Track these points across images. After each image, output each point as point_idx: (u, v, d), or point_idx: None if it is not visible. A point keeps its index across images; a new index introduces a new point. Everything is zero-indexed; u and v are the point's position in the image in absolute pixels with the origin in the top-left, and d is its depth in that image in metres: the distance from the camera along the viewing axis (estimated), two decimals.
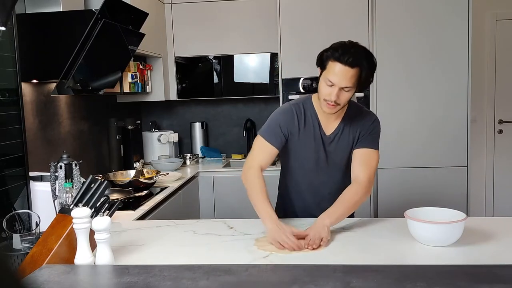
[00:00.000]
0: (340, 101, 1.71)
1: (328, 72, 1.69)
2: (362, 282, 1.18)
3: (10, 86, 1.93)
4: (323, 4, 3.32)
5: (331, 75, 1.68)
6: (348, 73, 1.66)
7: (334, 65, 1.67)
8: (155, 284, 1.22)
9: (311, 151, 1.88)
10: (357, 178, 1.80)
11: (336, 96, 1.69)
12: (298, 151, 1.89)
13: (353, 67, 1.65)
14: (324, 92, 1.72)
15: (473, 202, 3.72)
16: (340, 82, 1.67)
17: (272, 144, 1.84)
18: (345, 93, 1.70)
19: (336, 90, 1.68)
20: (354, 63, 1.65)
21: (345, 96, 1.71)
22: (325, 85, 1.71)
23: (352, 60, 1.64)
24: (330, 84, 1.69)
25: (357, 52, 1.67)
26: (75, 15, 2.36)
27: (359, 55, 1.67)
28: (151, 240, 1.75)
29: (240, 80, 3.75)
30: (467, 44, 3.21)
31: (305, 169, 1.92)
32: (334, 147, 1.88)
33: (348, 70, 1.65)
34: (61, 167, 1.85)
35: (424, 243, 1.59)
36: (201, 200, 3.52)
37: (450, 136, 3.28)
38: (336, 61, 1.66)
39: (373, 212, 3.36)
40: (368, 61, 1.69)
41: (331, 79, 1.68)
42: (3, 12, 1.43)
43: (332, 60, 1.67)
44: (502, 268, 1.29)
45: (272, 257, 1.54)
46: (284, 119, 1.85)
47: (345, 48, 1.67)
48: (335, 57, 1.66)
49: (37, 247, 1.46)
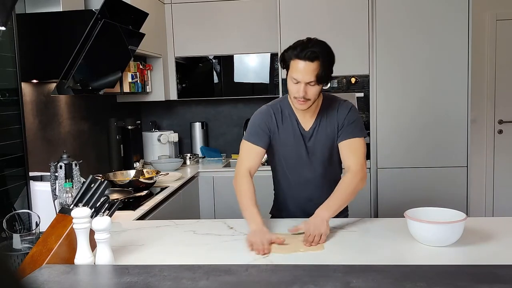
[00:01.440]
0: (309, 96, 1.77)
1: (292, 71, 1.75)
2: (362, 282, 1.18)
3: (10, 86, 1.93)
4: (323, 4, 3.32)
5: (294, 72, 1.74)
6: (310, 68, 1.71)
7: (296, 63, 1.73)
8: (155, 284, 1.22)
9: (292, 148, 1.92)
10: (349, 168, 1.85)
11: (303, 92, 1.74)
12: (280, 149, 1.94)
13: (313, 61, 1.71)
14: (293, 90, 1.78)
15: (473, 202, 3.72)
16: (303, 78, 1.73)
17: (257, 144, 1.89)
18: (311, 87, 1.75)
19: (302, 86, 1.74)
20: (313, 57, 1.71)
21: (312, 90, 1.76)
22: (292, 83, 1.77)
23: (310, 54, 1.70)
24: (295, 81, 1.75)
25: (314, 46, 1.73)
26: (75, 15, 2.36)
27: (317, 49, 1.72)
28: (151, 240, 1.75)
29: (240, 80, 3.75)
30: (467, 44, 3.21)
31: (289, 166, 1.96)
32: (314, 142, 1.92)
33: (309, 65, 1.71)
34: (61, 167, 1.85)
35: (424, 243, 1.58)
36: (201, 200, 3.52)
37: (450, 136, 3.28)
38: (296, 58, 1.73)
39: (373, 212, 3.36)
40: (327, 54, 1.75)
41: (295, 76, 1.74)
42: (3, 12, 1.43)
43: (293, 59, 1.74)
44: (502, 268, 1.29)
45: (272, 257, 1.54)
46: (263, 119, 1.91)
47: (303, 45, 1.74)
48: (295, 55, 1.73)
49: (37, 247, 1.46)
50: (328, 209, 1.74)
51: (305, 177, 1.95)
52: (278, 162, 1.97)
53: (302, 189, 1.97)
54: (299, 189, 1.98)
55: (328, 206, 1.75)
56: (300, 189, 1.98)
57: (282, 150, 1.93)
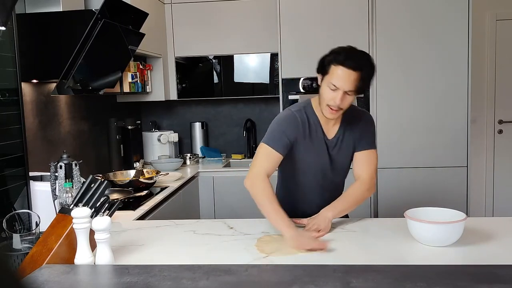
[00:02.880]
0: (343, 105, 1.73)
1: (332, 76, 1.69)
2: (362, 282, 1.18)
3: (10, 86, 1.93)
4: (323, 4, 3.32)
5: (335, 79, 1.68)
6: (351, 76, 1.67)
7: (337, 69, 1.68)
8: (155, 284, 1.22)
9: (315, 157, 1.88)
10: (360, 177, 1.87)
11: (340, 101, 1.70)
12: (303, 157, 1.88)
13: (355, 70, 1.66)
14: (328, 97, 1.72)
15: (473, 202, 3.72)
16: (344, 86, 1.68)
17: (278, 151, 1.80)
18: (348, 97, 1.71)
19: (340, 94, 1.69)
20: (357, 66, 1.66)
21: (348, 100, 1.73)
22: (328, 89, 1.71)
23: (354, 63, 1.66)
24: (333, 88, 1.69)
25: (358, 55, 1.70)
26: (75, 15, 2.36)
27: (360, 58, 1.69)
28: (151, 240, 1.75)
29: (240, 80, 3.75)
30: (467, 44, 3.21)
31: (308, 174, 1.91)
32: (337, 151, 1.89)
33: (351, 73, 1.66)
34: (61, 167, 1.85)
35: (424, 243, 1.58)
36: (201, 200, 3.52)
37: (450, 136, 3.28)
38: (339, 64, 1.67)
39: (373, 212, 3.36)
40: (369, 64, 1.71)
41: (335, 83, 1.68)
42: (3, 12, 1.43)
43: (335, 64, 1.68)
44: (502, 268, 1.29)
45: (272, 257, 1.54)
46: (289, 127, 1.83)
47: (347, 52, 1.70)
48: (338, 61, 1.67)
49: (37, 247, 1.46)
50: (333, 209, 1.78)
51: (322, 185, 1.93)
52: (297, 169, 1.91)
53: (314, 197, 1.94)
54: (310, 197, 1.95)
55: (333, 207, 1.80)
56: (311, 197, 1.95)
57: (304, 158, 1.88)
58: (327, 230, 1.73)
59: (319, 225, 1.72)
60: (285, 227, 1.64)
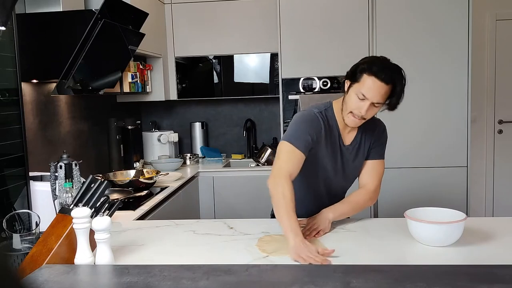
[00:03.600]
0: (367, 116, 1.71)
1: (362, 86, 1.66)
2: (362, 282, 1.18)
3: (10, 86, 1.93)
4: (323, 4, 3.32)
5: (365, 89, 1.65)
6: (383, 89, 1.65)
7: (370, 79, 1.65)
8: (155, 284, 1.22)
9: (330, 161, 1.85)
10: (366, 185, 1.87)
11: (365, 111, 1.68)
12: (317, 160, 1.83)
13: (388, 84, 1.64)
14: (353, 106, 1.70)
15: (473, 202, 3.73)
16: (373, 97, 1.66)
17: (301, 150, 1.72)
18: (374, 108, 1.70)
19: (367, 105, 1.67)
20: (390, 79, 1.64)
21: (373, 111, 1.71)
22: (357, 98, 1.68)
23: (388, 76, 1.64)
24: (362, 97, 1.67)
25: (392, 68, 1.67)
26: (75, 15, 2.36)
27: (395, 72, 1.67)
28: (151, 240, 1.75)
29: (240, 80, 3.75)
30: (467, 44, 3.21)
31: (319, 177, 1.88)
32: (352, 158, 1.87)
33: (383, 86, 1.64)
34: (61, 167, 1.85)
35: (424, 243, 1.58)
36: (201, 200, 3.52)
37: (450, 136, 3.28)
38: (373, 75, 1.64)
39: (373, 212, 3.36)
40: (402, 78, 1.68)
41: (365, 93, 1.66)
42: (3, 12, 1.43)
43: (368, 74, 1.65)
44: (502, 268, 1.29)
45: (272, 257, 1.54)
46: (313, 127, 1.77)
47: (380, 62, 1.67)
48: (372, 71, 1.64)
49: (37, 247, 1.46)
50: (334, 211, 1.79)
51: (331, 189, 1.92)
52: (310, 171, 1.85)
53: (321, 199, 1.91)
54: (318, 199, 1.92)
55: (334, 208, 1.80)
56: (318, 199, 1.92)
57: (320, 161, 1.84)
58: (326, 230, 1.74)
59: (319, 225, 1.73)
60: (292, 235, 1.55)
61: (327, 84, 3.34)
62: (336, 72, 3.32)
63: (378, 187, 1.88)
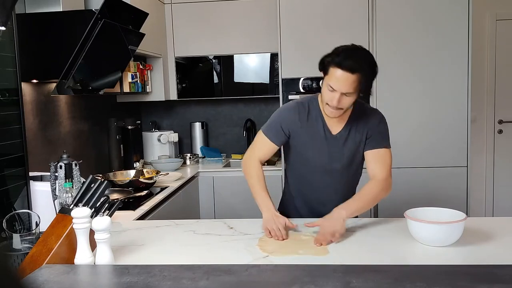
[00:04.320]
0: (342, 105, 1.71)
1: (330, 78, 1.68)
2: (362, 282, 1.18)
3: (10, 86, 1.93)
4: (323, 4, 3.31)
5: (332, 80, 1.67)
6: (349, 79, 1.64)
7: (335, 71, 1.66)
8: (155, 284, 1.22)
9: (313, 151, 1.87)
10: (375, 176, 1.82)
11: (337, 102, 1.69)
12: (300, 150, 1.89)
13: (353, 73, 1.63)
14: (327, 97, 1.72)
15: (473, 202, 3.72)
16: (341, 88, 1.66)
17: (273, 141, 1.88)
18: (346, 98, 1.69)
19: (337, 96, 1.68)
20: (355, 68, 1.63)
21: (347, 100, 1.71)
22: (327, 90, 1.70)
23: (352, 65, 1.63)
24: (331, 89, 1.68)
25: (358, 57, 1.66)
26: (75, 15, 2.36)
27: (360, 60, 1.65)
28: (151, 240, 1.75)
29: (240, 80, 3.75)
30: (467, 44, 3.21)
31: (308, 168, 1.91)
32: (340, 148, 1.86)
33: (349, 76, 1.64)
34: (61, 167, 1.85)
35: (424, 243, 1.58)
36: (201, 200, 3.52)
37: (450, 136, 3.28)
38: (337, 66, 1.65)
39: (373, 212, 3.36)
40: (370, 66, 1.68)
41: (332, 84, 1.67)
42: (3, 12, 1.43)
43: (333, 66, 1.66)
44: (502, 268, 1.29)
45: (272, 257, 1.54)
46: (286, 117, 1.86)
47: (346, 53, 1.66)
48: (336, 63, 1.65)
49: (37, 247, 1.46)
50: (347, 208, 1.70)
51: (323, 181, 1.91)
52: (296, 163, 1.93)
53: (317, 192, 1.94)
54: (313, 192, 1.95)
55: (347, 205, 1.73)
56: (314, 192, 1.95)
57: (303, 152, 1.88)
58: (342, 231, 1.64)
59: (335, 227, 1.61)
60: (264, 208, 1.78)
61: None
62: None
63: (388, 176, 1.81)
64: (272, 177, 2.14)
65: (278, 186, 3.27)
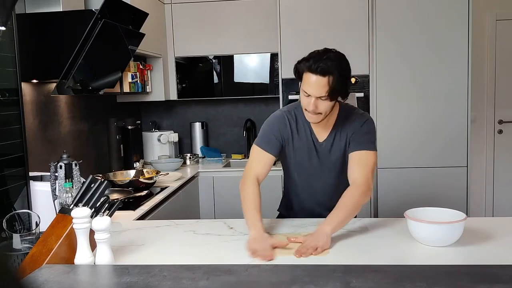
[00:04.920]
0: (320, 110, 1.71)
1: (303, 83, 1.70)
2: (362, 282, 1.18)
3: (10, 86, 1.93)
4: (323, 4, 3.32)
5: (305, 85, 1.69)
6: (321, 82, 1.65)
7: (307, 76, 1.68)
8: (155, 284, 1.22)
9: (304, 157, 1.88)
10: (354, 181, 1.76)
11: (314, 106, 1.69)
12: (292, 157, 1.90)
13: (324, 76, 1.64)
14: (304, 103, 1.74)
15: (473, 202, 3.73)
16: (314, 92, 1.67)
17: (269, 152, 1.84)
18: (322, 102, 1.69)
19: (312, 100, 1.69)
20: (325, 71, 1.64)
21: (324, 105, 1.70)
22: (303, 96, 1.72)
23: (322, 68, 1.63)
24: (306, 95, 1.70)
25: (328, 60, 1.65)
26: (75, 15, 2.36)
27: (330, 63, 1.65)
28: (151, 240, 1.75)
29: (240, 80, 3.75)
30: (467, 44, 3.21)
31: (300, 174, 1.94)
32: (328, 154, 1.87)
33: (320, 79, 1.65)
34: (61, 167, 1.85)
35: (424, 243, 1.58)
36: (201, 200, 3.52)
37: (450, 136, 3.28)
38: (308, 71, 1.67)
39: (373, 212, 3.36)
40: (341, 68, 1.67)
41: (306, 89, 1.69)
42: (3, 12, 1.43)
43: (306, 71, 1.68)
44: (502, 268, 1.29)
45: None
46: (278, 127, 1.86)
47: (317, 56, 1.67)
48: (307, 67, 1.67)
49: (37, 247, 1.46)
50: (331, 222, 1.65)
51: (315, 187, 1.93)
52: (290, 169, 1.95)
53: (311, 196, 1.96)
54: (308, 196, 1.97)
55: (331, 219, 1.67)
56: (309, 196, 1.97)
57: (294, 159, 1.90)
58: (326, 247, 1.57)
59: (317, 243, 1.56)
60: (252, 228, 1.67)
61: None
62: None
63: (368, 179, 1.74)
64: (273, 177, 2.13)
65: (278, 186, 3.27)
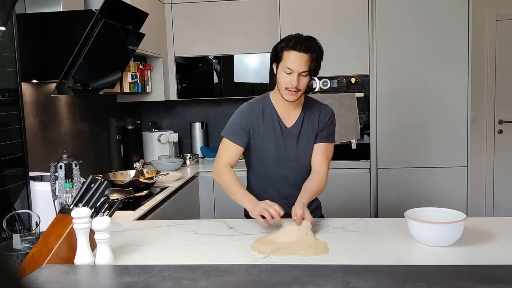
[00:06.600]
0: (301, 86, 1.86)
1: (285, 61, 1.84)
2: (362, 282, 1.18)
3: (10, 86, 1.93)
4: (323, 4, 3.32)
5: (288, 63, 1.83)
6: (304, 58, 1.82)
7: (290, 54, 1.83)
8: (155, 284, 1.22)
9: (271, 145, 1.97)
10: (319, 169, 1.96)
11: (296, 82, 1.84)
12: (259, 146, 1.99)
13: (306, 53, 1.82)
14: (285, 81, 1.86)
15: (473, 202, 3.72)
16: (297, 68, 1.82)
17: (236, 143, 1.96)
18: (303, 78, 1.85)
19: (295, 76, 1.83)
20: (307, 49, 1.82)
21: (304, 81, 1.86)
22: (284, 74, 1.85)
23: (304, 46, 1.82)
24: (289, 71, 1.84)
25: (307, 40, 1.85)
26: (75, 15, 2.36)
27: (310, 42, 1.85)
28: (151, 240, 1.75)
29: (240, 80, 3.75)
30: (467, 44, 3.21)
31: (267, 163, 2.00)
32: (296, 140, 1.98)
33: (303, 56, 1.82)
34: (61, 167, 1.85)
35: (424, 243, 1.58)
36: (201, 200, 3.52)
37: (450, 136, 3.28)
38: (291, 49, 1.83)
39: (373, 212, 3.36)
40: (318, 46, 1.87)
41: (290, 66, 1.83)
42: (3, 12, 1.43)
43: (287, 50, 1.84)
44: (502, 268, 1.29)
45: (272, 257, 1.54)
46: (244, 118, 1.97)
47: (296, 38, 1.86)
48: (290, 46, 1.83)
49: (37, 247, 1.46)
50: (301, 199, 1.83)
51: (283, 173, 2.00)
52: (257, 159, 2.02)
53: (279, 186, 2.02)
54: (276, 186, 2.02)
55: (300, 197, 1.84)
56: (276, 186, 2.02)
57: (262, 147, 1.99)
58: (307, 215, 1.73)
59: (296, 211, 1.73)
60: (247, 202, 1.84)
61: (327, 84, 3.34)
62: (336, 72, 3.32)
63: (327, 169, 1.98)
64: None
65: None
